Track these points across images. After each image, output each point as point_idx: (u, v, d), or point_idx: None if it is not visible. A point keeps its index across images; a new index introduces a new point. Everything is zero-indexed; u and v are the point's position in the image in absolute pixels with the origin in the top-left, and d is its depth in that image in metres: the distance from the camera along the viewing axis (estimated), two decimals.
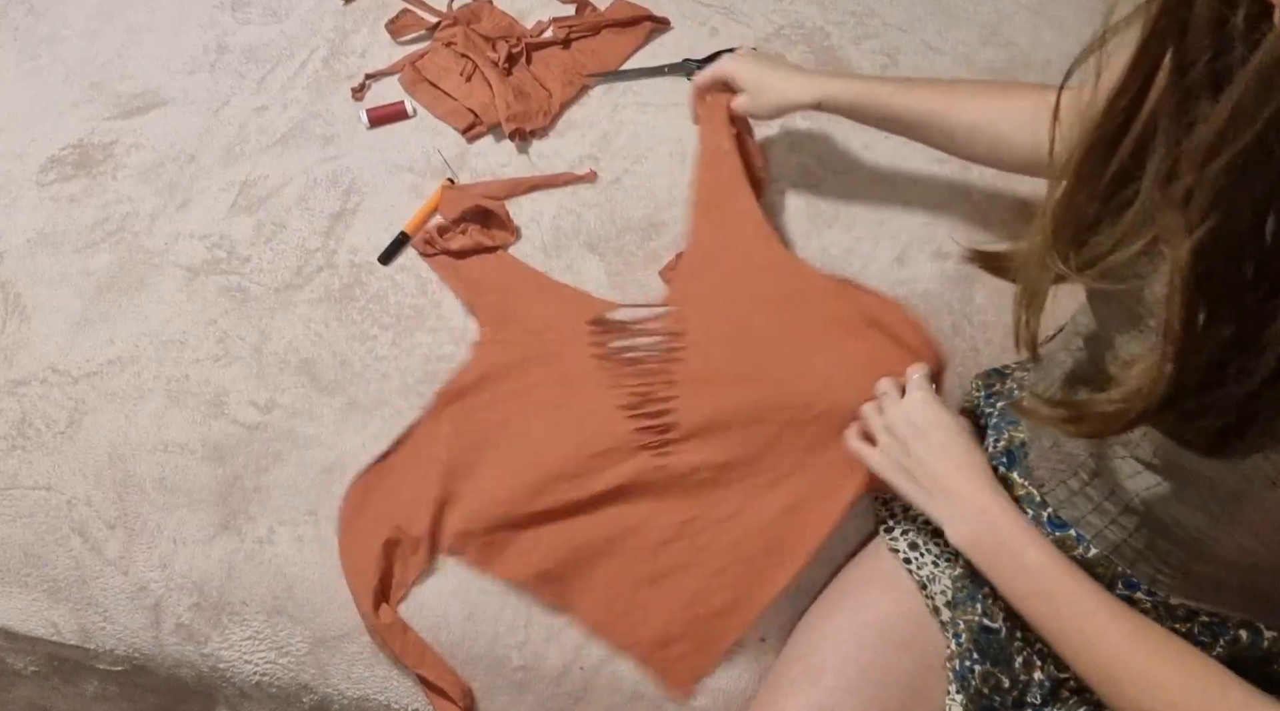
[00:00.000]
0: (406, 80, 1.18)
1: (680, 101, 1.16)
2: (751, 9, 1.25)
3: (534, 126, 1.13)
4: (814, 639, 0.77)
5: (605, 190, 1.08)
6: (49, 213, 1.09)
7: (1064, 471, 0.70)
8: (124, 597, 0.87)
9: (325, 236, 1.05)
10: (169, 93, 1.20)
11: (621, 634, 0.82)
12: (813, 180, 1.08)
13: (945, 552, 0.78)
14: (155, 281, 1.03)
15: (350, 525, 0.88)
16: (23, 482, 0.91)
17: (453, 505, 0.87)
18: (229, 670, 0.86)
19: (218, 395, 0.95)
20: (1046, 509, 0.71)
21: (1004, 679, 0.71)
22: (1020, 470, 0.75)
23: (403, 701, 0.84)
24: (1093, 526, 0.68)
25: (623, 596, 0.83)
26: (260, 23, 1.28)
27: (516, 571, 0.84)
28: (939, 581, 0.77)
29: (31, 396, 0.96)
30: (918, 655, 0.74)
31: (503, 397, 0.92)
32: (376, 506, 0.88)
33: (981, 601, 0.73)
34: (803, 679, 0.74)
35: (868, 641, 0.74)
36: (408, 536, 0.86)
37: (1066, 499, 0.70)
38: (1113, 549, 0.67)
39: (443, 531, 0.86)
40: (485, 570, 0.85)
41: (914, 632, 0.75)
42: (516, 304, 0.98)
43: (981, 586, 0.73)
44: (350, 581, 0.85)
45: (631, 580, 0.84)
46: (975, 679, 0.72)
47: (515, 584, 0.84)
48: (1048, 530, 0.70)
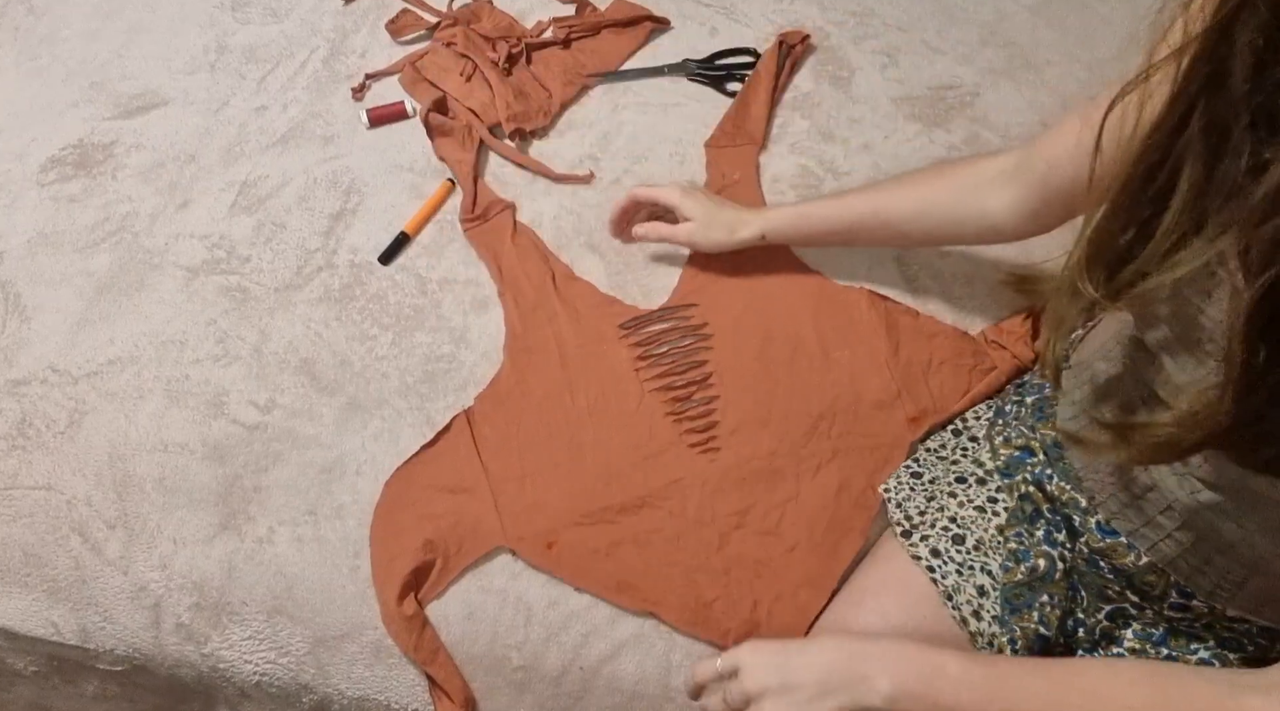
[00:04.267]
0: (406, 80, 1.18)
1: (680, 101, 1.16)
2: (751, 9, 1.25)
3: (534, 126, 1.13)
4: None
5: (605, 190, 1.08)
6: (49, 213, 1.09)
7: (1114, 484, 0.69)
8: (124, 597, 0.87)
9: (325, 236, 1.05)
10: (169, 93, 1.20)
11: (710, 627, 0.83)
12: (813, 182, 1.08)
13: (967, 561, 0.78)
14: (155, 281, 1.03)
15: (387, 514, 0.88)
16: (23, 482, 0.91)
17: (505, 509, 0.87)
18: (229, 670, 0.86)
19: (218, 395, 0.95)
20: (1095, 516, 0.71)
21: None
22: (1061, 473, 0.74)
23: (403, 701, 0.84)
24: (1147, 538, 0.67)
25: (702, 591, 0.84)
26: (260, 23, 1.28)
27: (597, 583, 0.84)
28: (964, 591, 0.76)
29: (31, 396, 0.96)
30: None
31: (546, 404, 0.93)
32: (417, 499, 0.88)
33: (1039, 610, 0.73)
34: None
35: None
36: (452, 536, 0.86)
37: (1118, 510, 0.69)
38: (1168, 562, 0.66)
39: (494, 535, 0.86)
40: (558, 575, 0.85)
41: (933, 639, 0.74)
42: (549, 299, 0.99)
43: (1039, 594, 0.73)
44: (377, 569, 0.85)
45: (707, 573, 0.84)
46: None
47: (597, 595, 0.84)
48: (1097, 536, 0.70)
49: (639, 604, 0.83)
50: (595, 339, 0.95)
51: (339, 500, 0.89)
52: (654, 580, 0.84)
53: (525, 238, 1.04)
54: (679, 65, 1.19)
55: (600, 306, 0.99)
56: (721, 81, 1.18)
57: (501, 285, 1.00)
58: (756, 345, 0.95)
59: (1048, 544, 0.75)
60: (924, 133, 1.12)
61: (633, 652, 0.83)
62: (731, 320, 0.97)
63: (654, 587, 0.84)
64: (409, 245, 1.05)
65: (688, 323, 0.97)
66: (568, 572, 0.85)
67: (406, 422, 0.93)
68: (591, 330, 0.97)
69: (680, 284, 1.00)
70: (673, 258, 1.03)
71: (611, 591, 0.84)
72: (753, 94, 1.14)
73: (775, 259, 1.00)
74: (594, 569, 0.85)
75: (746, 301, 0.98)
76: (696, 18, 1.24)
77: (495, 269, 1.02)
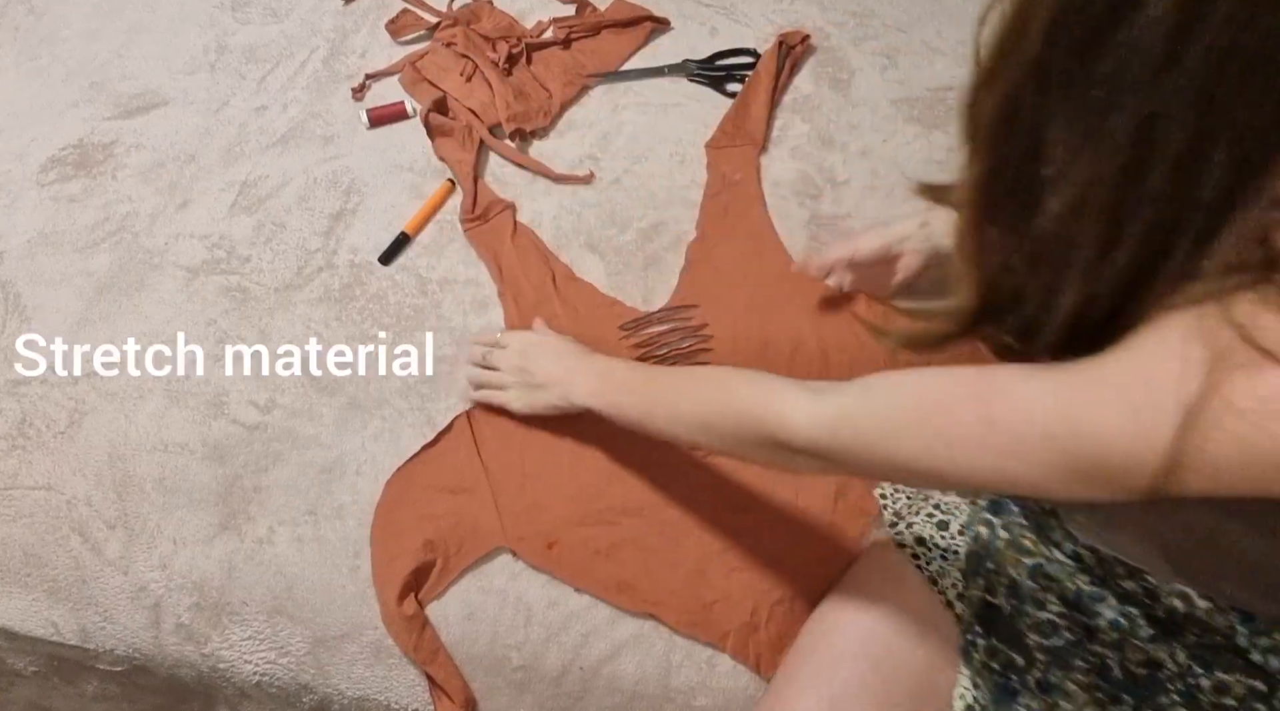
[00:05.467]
0: (406, 80, 1.18)
1: (680, 101, 1.16)
2: (751, 9, 1.25)
3: (534, 126, 1.13)
4: (825, 633, 0.77)
5: (605, 190, 1.08)
6: (49, 213, 1.09)
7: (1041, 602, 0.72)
8: (124, 597, 0.87)
9: (325, 236, 1.05)
10: (169, 93, 1.20)
11: (709, 630, 0.83)
12: (813, 191, 1.08)
13: (951, 545, 0.79)
14: (155, 281, 1.03)
15: (388, 514, 0.88)
16: (23, 482, 0.91)
17: (505, 509, 0.87)
18: (229, 670, 0.86)
19: (218, 395, 0.95)
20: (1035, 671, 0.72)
21: (1016, 656, 0.72)
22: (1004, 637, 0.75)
23: (403, 701, 0.84)
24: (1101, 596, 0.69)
25: (702, 593, 0.84)
26: (260, 23, 1.28)
27: (597, 584, 0.84)
28: (949, 575, 0.77)
29: (31, 396, 0.96)
30: (930, 648, 0.74)
31: None
32: (418, 499, 0.89)
33: (986, 576, 0.74)
34: (815, 674, 0.74)
35: (880, 635, 0.75)
36: (452, 536, 0.86)
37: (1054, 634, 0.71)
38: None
39: (494, 536, 0.86)
40: (558, 576, 0.85)
41: (925, 626, 0.75)
42: (549, 300, 0.99)
43: (984, 562, 0.74)
44: (377, 569, 0.85)
45: (707, 576, 0.84)
46: (979, 653, 0.73)
47: (596, 595, 0.84)
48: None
49: (639, 605, 0.83)
50: (595, 340, 0.96)
51: (339, 500, 0.89)
52: (654, 581, 0.84)
53: (525, 238, 1.04)
54: (679, 65, 1.19)
55: (601, 307, 0.99)
56: (721, 82, 1.18)
57: (501, 285, 1.00)
58: (756, 346, 0.95)
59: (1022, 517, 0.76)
60: (923, 135, 1.12)
61: (633, 652, 0.83)
62: (731, 321, 0.97)
63: (654, 589, 0.84)
64: (409, 245, 1.05)
65: (688, 324, 0.97)
66: (568, 573, 0.85)
67: (407, 423, 0.93)
68: (592, 331, 0.97)
69: (680, 285, 1.00)
70: (672, 258, 1.03)
71: (611, 592, 0.84)
72: (753, 95, 1.14)
73: (775, 260, 1.00)
74: (594, 569, 0.85)
75: (746, 303, 0.98)
76: (696, 18, 1.24)
77: (495, 269, 1.02)
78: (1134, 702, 0.66)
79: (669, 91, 1.18)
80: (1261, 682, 0.61)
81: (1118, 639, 0.67)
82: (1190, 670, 0.63)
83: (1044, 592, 0.71)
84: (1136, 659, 0.66)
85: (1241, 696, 0.62)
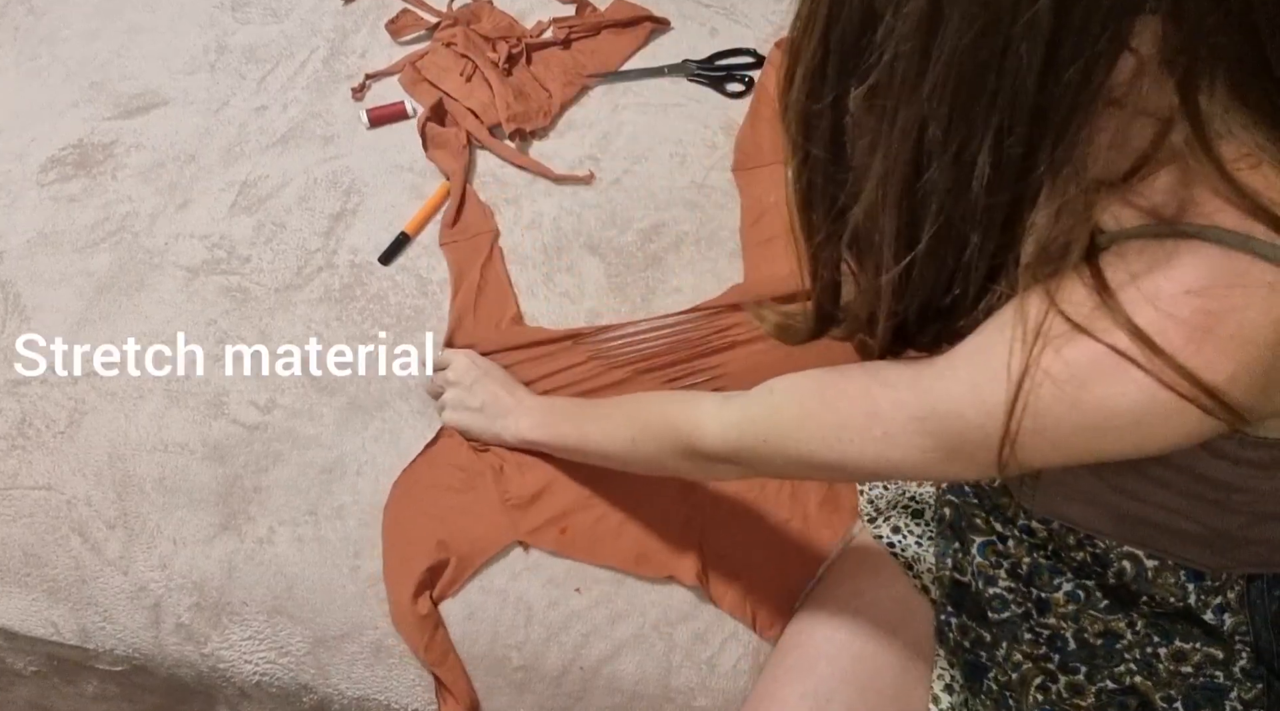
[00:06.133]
0: (406, 80, 1.18)
1: (680, 101, 1.16)
2: (751, 9, 1.25)
3: (534, 127, 1.13)
4: (807, 627, 0.78)
5: (605, 190, 1.08)
6: (49, 213, 1.09)
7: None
8: (124, 597, 0.87)
9: (325, 236, 1.05)
10: (169, 93, 1.20)
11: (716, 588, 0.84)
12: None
13: (927, 532, 0.80)
14: (155, 281, 1.03)
15: (398, 514, 0.88)
16: (23, 482, 0.91)
17: (513, 503, 0.87)
18: (229, 670, 0.86)
19: (218, 395, 0.95)
20: None
21: (985, 634, 0.73)
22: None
23: (403, 701, 0.84)
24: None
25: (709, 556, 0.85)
26: (260, 23, 1.28)
27: (614, 557, 0.85)
28: (924, 561, 0.79)
29: (31, 396, 0.96)
30: (909, 637, 0.75)
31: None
32: (425, 499, 0.89)
33: (952, 556, 0.75)
34: (798, 667, 0.75)
35: (860, 627, 0.76)
36: (464, 536, 0.86)
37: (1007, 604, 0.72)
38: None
39: (505, 531, 0.87)
40: (577, 558, 0.86)
41: (904, 615, 0.76)
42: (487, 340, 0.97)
43: (952, 542, 0.75)
44: (390, 568, 0.85)
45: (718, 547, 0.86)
46: (953, 631, 0.74)
47: (617, 568, 0.85)
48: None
49: (657, 570, 0.84)
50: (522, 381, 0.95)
51: (339, 500, 0.89)
52: (669, 547, 0.85)
53: (494, 270, 1.01)
54: (679, 65, 1.19)
55: (538, 356, 0.96)
56: (721, 82, 1.18)
57: (451, 304, 0.99)
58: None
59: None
60: None
61: (633, 652, 0.83)
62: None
63: (670, 556, 0.85)
64: (409, 245, 1.05)
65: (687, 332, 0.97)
66: (584, 553, 0.85)
67: (407, 423, 0.93)
68: (520, 375, 0.95)
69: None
70: (672, 259, 1.03)
71: (630, 563, 0.85)
72: (764, 108, 1.12)
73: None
74: (610, 545, 0.85)
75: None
76: (696, 18, 1.24)
77: (454, 288, 1.00)
78: (1087, 671, 0.67)
79: (669, 92, 1.18)
80: (1219, 650, 0.62)
81: (1074, 611, 0.68)
82: (1149, 639, 0.64)
83: (994, 568, 0.72)
84: (1094, 630, 0.67)
85: (1199, 663, 0.63)
